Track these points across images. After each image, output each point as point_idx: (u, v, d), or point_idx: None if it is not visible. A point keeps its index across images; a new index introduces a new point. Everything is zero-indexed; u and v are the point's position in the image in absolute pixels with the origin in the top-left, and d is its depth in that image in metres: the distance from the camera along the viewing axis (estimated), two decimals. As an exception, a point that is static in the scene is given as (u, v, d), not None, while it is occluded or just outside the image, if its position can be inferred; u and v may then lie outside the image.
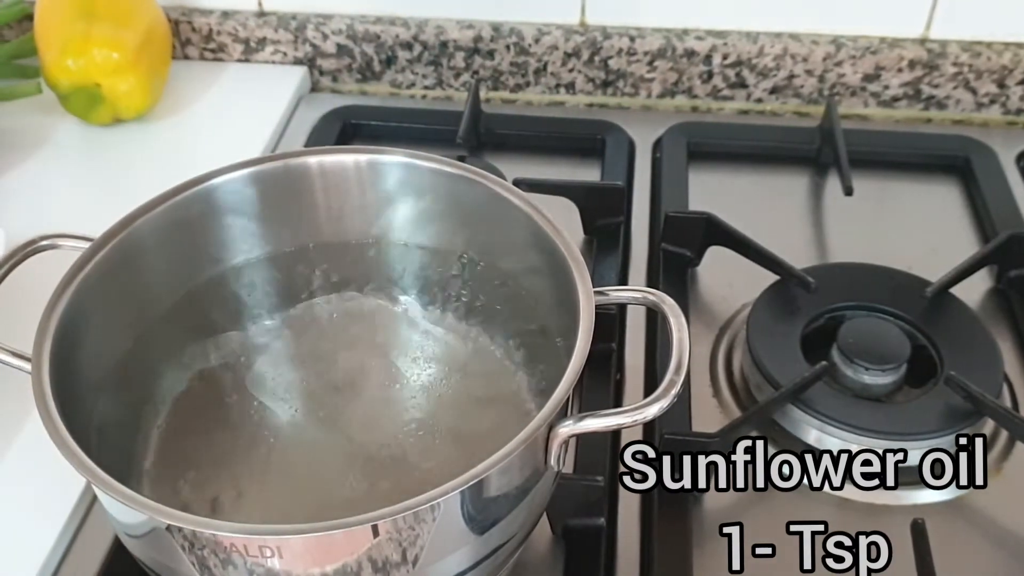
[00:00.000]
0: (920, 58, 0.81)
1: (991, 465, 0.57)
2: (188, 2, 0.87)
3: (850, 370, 0.58)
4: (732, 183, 0.77)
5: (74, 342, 0.45)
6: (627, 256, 0.71)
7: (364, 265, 0.56)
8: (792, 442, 0.57)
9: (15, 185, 0.76)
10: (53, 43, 0.76)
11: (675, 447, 0.54)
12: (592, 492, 0.53)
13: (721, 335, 0.65)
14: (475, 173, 0.52)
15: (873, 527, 0.53)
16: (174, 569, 0.41)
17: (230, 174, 0.52)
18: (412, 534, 0.39)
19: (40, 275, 0.47)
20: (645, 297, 0.47)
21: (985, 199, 0.73)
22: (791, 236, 0.72)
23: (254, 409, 0.50)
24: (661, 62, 0.84)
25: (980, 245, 0.71)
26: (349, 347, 0.54)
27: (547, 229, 0.48)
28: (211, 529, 0.37)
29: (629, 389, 0.61)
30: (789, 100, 0.84)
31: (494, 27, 0.84)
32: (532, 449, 0.41)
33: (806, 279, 0.63)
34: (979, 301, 0.67)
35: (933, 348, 0.60)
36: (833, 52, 0.81)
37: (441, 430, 0.49)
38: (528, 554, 0.52)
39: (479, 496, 0.40)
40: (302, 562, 0.39)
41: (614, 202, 0.71)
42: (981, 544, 0.53)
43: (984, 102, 0.83)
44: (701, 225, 0.68)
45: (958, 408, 0.56)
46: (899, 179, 0.77)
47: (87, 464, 0.39)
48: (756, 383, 0.60)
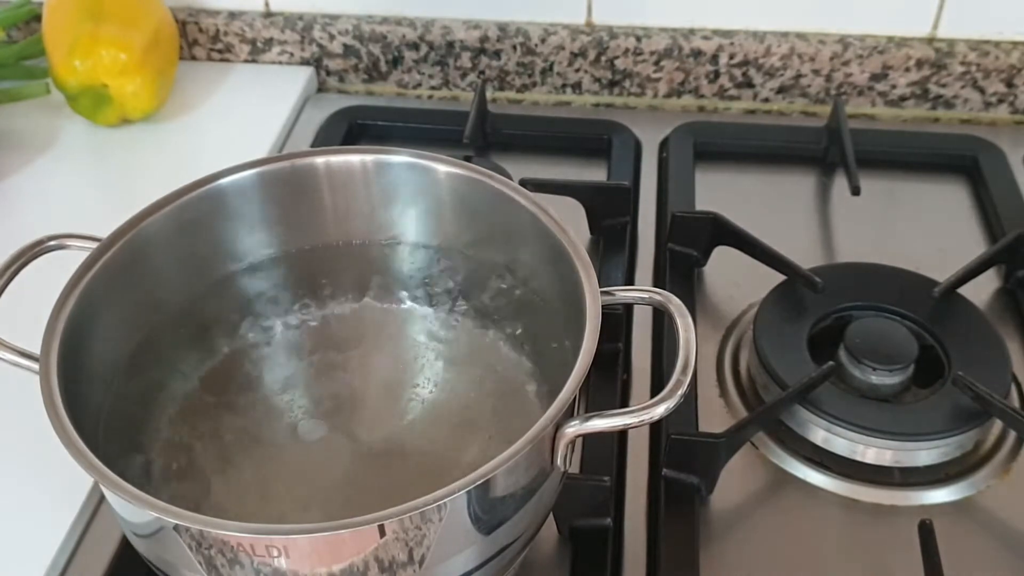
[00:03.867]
0: (928, 57, 0.81)
1: (999, 466, 0.56)
2: (195, 3, 0.88)
3: (857, 370, 0.58)
4: (739, 183, 0.77)
5: (82, 342, 0.45)
6: (633, 256, 0.71)
7: (370, 265, 0.56)
8: (799, 443, 0.57)
9: (23, 185, 0.76)
10: (61, 44, 0.77)
11: (681, 447, 0.54)
12: (599, 492, 0.53)
13: (728, 335, 0.65)
14: (481, 173, 0.52)
15: (880, 527, 0.53)
16: (181, 568, 0.41)
17: (237, 174, 0.52)
18: (419, 534, 0.39)
19: (48, 275, 0.47)
20: (652, 297, 0.46)
21: (993, 199, 0.73)
22: (798, 236, 0.72)
23: (261, 409, 0.50)
24: (667, 62, 0.83)
25: (988, 245, 0.70)
26: (356, 347, 0.54)
27: (553, 229, 0.48)
28: (218, 529, 0.37)
29: (636, 389, 0.61)
30: (796, 100, 0.84)
31: (500, 27, 0.84)
32: (539, 449, 0.41)
33: (813, 279, 0.63)
34: (987, 301, 0.66)
35: (941, 348, 0.60)
36: (840, 51, 0.81)
37: (447, 430, 0.49)
38: (534, 554, 0.52)
39: (485, 496, 0.40)
40: (309, 562, 0.39)
41: (620, 202, 0.71)
42: (989, 545, 0.53)
43: (992, 101, 0.82)
44: (708, 225, 0.68)
45: (966, 408, 0.56)
46: (906, 179, 0.77)
47: (95, 464, 0.39)
48: (763, 383, 0.60)
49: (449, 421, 0.49)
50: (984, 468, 0.56)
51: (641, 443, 0.58)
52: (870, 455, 0.56)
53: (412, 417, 0.50)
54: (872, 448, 0.56)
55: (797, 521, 0.54)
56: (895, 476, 0.56)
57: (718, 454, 0.54)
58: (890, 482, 0.55)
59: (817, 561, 0.52)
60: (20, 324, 0.46)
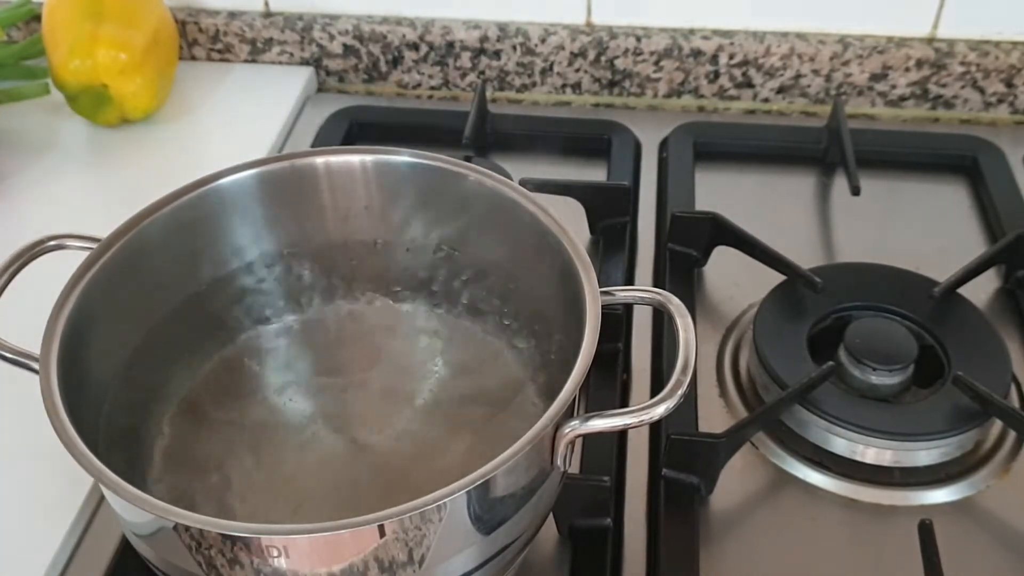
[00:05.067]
0: (927, 57, 0.81)
1: (999, 466, 0.56)
2: (195, 3, 0.88)
3: (857, 370, 0.58)
4: (738, 183, 0.77)
5: (82, 342, 0.45)
6: (633, 256, 0.71)
7: (370, 265, 0.56)
8: (799, 443, 0.57)
9: (23, 185, 0.76)
10: (60, 44, 0.77)
11: (681, 447, 0.54)
12: (598, 492, 0.53)
13: (728, 335, 0.65)
14: (481, 173, 0.52)
15: (880, 527, 0.53)
16: (181, 568, 0.41)
17: (237, 174, 0.52)
18: (419, 534, 0.39)
19: (48, 275, 0.47)
20: (652, 297, 0.46)
21: (993, 199, 0.73)
22: (798, 236, 0.72)
23: (260, 408, 0.50)
24: (667, 62, 0.83)
25: (988, 245, 0.70)
26: (355, 346, 0.54)
27: (553, 229, 0.48)
28: (218, 528, 0.37)
29: (636, 389, 0.61)
30: (796, 100, 0.84)
31: (500, 27, 0.84)
32: (538, 449, 0.41)
33: (813, 279, 0.63)
34: (987, 301, 0.66)
35: (941, 348, 0.60)
36: (840, 52, 0.81)
37: (447, 430, 0.49)
38: (534, 554, 0.52)
39: (485, 496, 0.40)
40: (309, 562, 0.39)
41: (620, 202, 0.71)
42: (989, 545, 0.53)
43: (992, 101, 0.82)
44: (707, 225, 0.68)
45: (966, 408, 0.56)
46: (906, 179, 0.77)
47: (95, 464, 0.39)
48: (763, 383, 0.60)
49: (448, 421, 0.49)
50: (984, 468, 0.56)
51: (641, 443, 0.58)
52: (870, 455, 0.56)
53: (411, 416, 0.50)
54: (872, 448, 0.56)
55: (797, 521, 0.54)
56: (895, 476, 0.56)
57: (718, 454, 0.54)
58: (890, 482, 0.55)
59: (817, 561, 0.52)
60: (20, 324, 0.46)
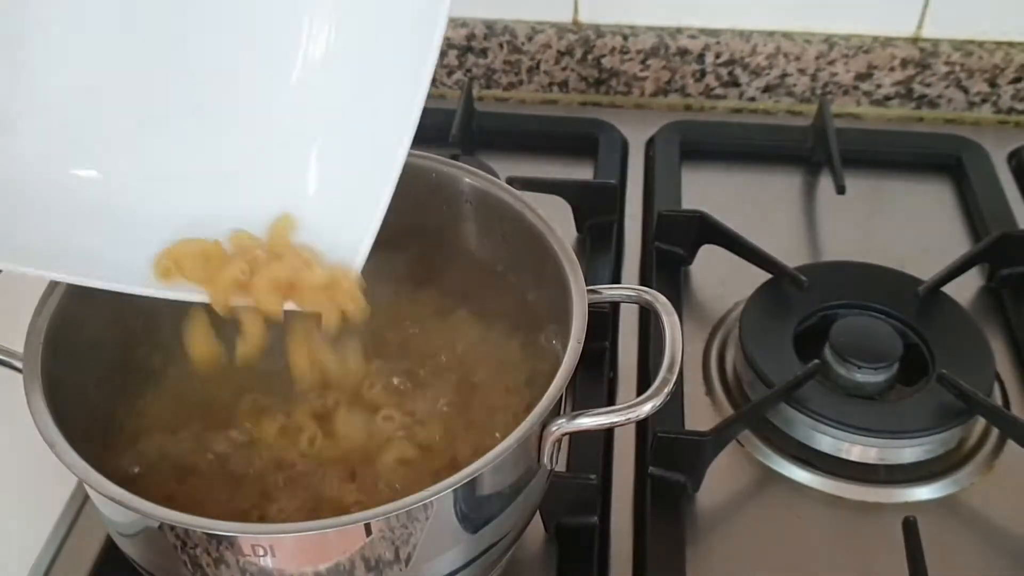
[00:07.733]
0: (912, 57, 0.81)
1: (982, 463, 0.57)
2: None
3: (842, 368, 0.59)
4: (725, 182, 0.78)
5: (65, 340, 0.45)
6: (620, 254, 0.71)
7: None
8: (785, 440, 0.57)
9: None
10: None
11: (668, 445, 0.54)
12: (585, 490, 0.53)
13: (714, 333, 0.65)
14: (468, 172, 0.52)
15: (865, 524, 0.53)
16: (167, 568, 0.41)
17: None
18: (405, 533, 0.39)
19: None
20: (638, 295, 0.47)
21: (977, 198, 0.74)
22: (784, 235, 0.72)
23: (250, 406, 0.50)
24: (654, 61, 0.84)
25: (972, 243, 0.71)
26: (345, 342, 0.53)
27: (540, 227, 0.48)
28: (203, 528, 0.37)
29: (622, 387, 0.61)
30: (782, 99, 0.85)
31: (487, 25, 0.84)
32: (525, 447, 0.41)
33: (799, 277, 0.63)
34: (971, 299, 0.67)
35: (925, 346, 0.60)
36: (826, 51, 0.81)
37: (432, 428, 0.49)
38: (521, 552, 0.52)
39: (472, 494, 0.40)
40: (295, 561, 0.39)
41: (607, 201, 0.71)
42: (972, 541, 0.53)
43: (976, 101, 0.83)
44: (694, 223, 0.68)
45: (950, 406, 0.56)
46: (891, 178, 0.78)
47: (79, 463, 0.38)
48: (749, 381, 0.60)
49: (434, 418, 0.49)
50: (967, 465, 0.57)
51: (628, 441, 0.58)
52: (855, 452, 0.56)
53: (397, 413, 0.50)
54: (857, 446, 0.56)
55: (783, 518, 0.54)
56: (880, 473, 0.56)
57: (704, 452, 0.54)
58: (875, 479, 0.56)
59: (802, 558, 0.52)
60: (3, 322, 0.46)
